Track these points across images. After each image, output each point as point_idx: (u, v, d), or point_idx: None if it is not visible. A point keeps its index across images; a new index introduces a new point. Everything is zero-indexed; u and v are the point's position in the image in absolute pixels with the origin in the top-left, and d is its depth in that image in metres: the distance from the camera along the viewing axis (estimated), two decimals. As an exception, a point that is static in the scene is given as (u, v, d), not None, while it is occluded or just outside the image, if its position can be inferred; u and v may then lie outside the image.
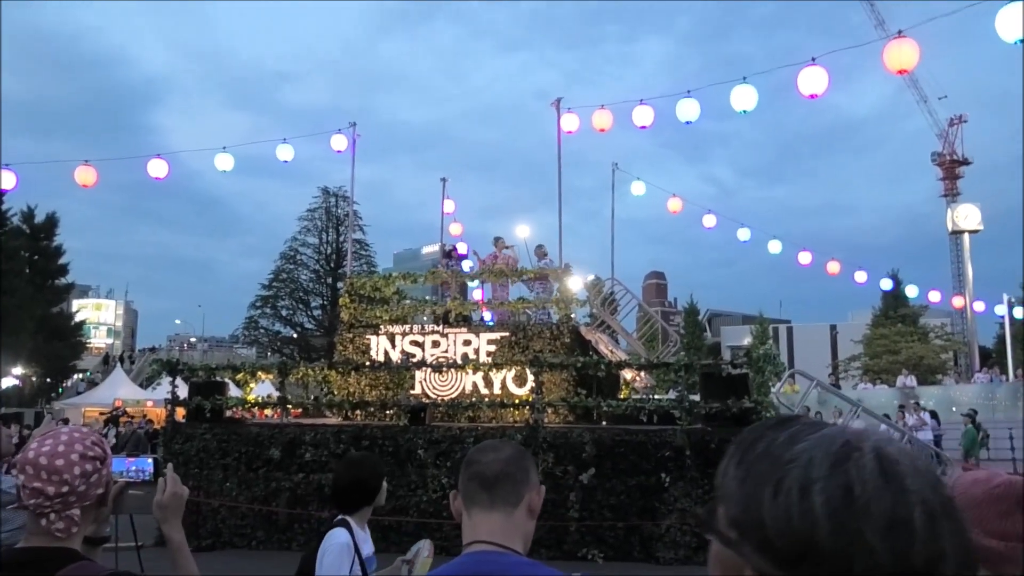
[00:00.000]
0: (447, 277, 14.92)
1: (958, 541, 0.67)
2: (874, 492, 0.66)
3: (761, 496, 0.69)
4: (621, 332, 16.00)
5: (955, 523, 0.68)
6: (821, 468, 0.68)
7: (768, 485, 0.69)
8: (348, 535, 3.12)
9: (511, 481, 1.65)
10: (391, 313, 14.69)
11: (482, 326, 14.22)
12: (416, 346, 13.71)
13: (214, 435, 11.48)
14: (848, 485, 0.67)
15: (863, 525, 0.65)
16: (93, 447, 1.87)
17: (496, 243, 15.61)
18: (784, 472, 0.69)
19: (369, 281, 15.60)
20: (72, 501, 1.81)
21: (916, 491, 0.67)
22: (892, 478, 0.67)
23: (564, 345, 13.13)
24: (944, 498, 0.68)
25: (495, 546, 1.60)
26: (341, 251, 45.60)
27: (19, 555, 1.82)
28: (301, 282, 46.61)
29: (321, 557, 3.07)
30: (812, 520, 0.66)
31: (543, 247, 15.13)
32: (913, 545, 0.65)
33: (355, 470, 3.31)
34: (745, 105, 11.44)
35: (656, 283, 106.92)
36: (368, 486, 3.28)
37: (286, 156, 15.30)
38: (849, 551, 0.64)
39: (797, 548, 0.66)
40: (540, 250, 15.07)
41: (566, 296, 14.06)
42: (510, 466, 1.67)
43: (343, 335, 14.44)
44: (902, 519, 0.66)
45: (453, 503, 1.70)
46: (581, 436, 10.37)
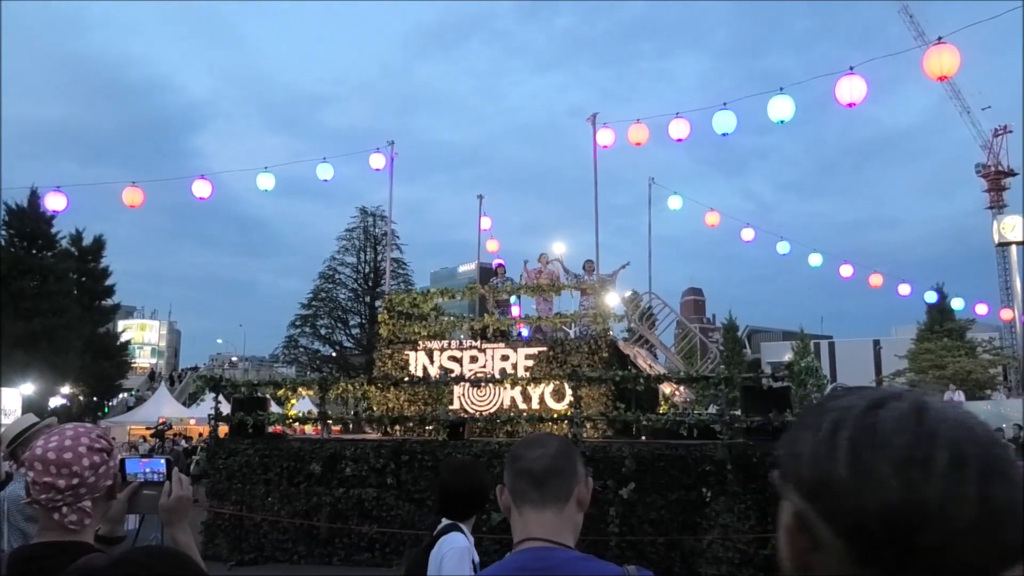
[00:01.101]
0: (485, 292, 14.98)
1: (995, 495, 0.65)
2: (897, 430, 0.67)
3: (801, 437, 0.72)
4: (659, 346, 15.90)
5: (996, 478, 0.66)
6: (855, 410, 0.70)
7: (810, 428, 0.72)
8: (466, 539, 3.06)
9: (561, 476, 1.63)
10: (429, 329, 14.81)
11: (520, 341, 14.26)
12: (454, 361, 13.80)
13: (256, 450, 11.64)
14: (875, 424, 0.68)
15: (879, 458, 0.66)
16: (99, 439, 1.92)
17: (540, 259, 15.73)
18: (825, 416, 0.71)
19: (407, 297, 15.75)
20: (83, 493, 1.85)
21: (948, 437, 0.67)
22: (923, 423, 0.68)
23: (602, 359, 13.10)
24: (991, 454, 0.67)
25: (548, 542, 1.59)
26: (379, 270, 46.02)
27: (34, 551, 1.84)
28: (340, 301, 47.06)
29: (440, 560, 2.98)
30: (834, 453, 0.68)
31: (591, 263, 15.18)
32: (928, 482, 0.65)
33: (469, 477, 3.23)
34: (782, 115, 11.38)
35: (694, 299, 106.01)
36: (482, 493, 3.20)
37: (326, 175, 15.56)
38: (862, 482, 0.66)
39: (819, 479, 0.68)
40: (588, 265, 15.12)
41: (604, 310, 14.05)
42: (559, 461, 1.65)
43: (382, 351, 14.58)
44: (922, 457, 0.65)
45: (500, 497, 1.68)
46: (620, 450, 10.32)
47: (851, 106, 10.52)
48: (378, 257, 46.88)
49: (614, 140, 14.53)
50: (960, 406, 0.72)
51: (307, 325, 46.37)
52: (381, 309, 15.89)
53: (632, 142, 13.86)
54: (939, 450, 0.66)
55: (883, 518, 0.64)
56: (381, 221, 46.69)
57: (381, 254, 46.47)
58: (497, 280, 16.04)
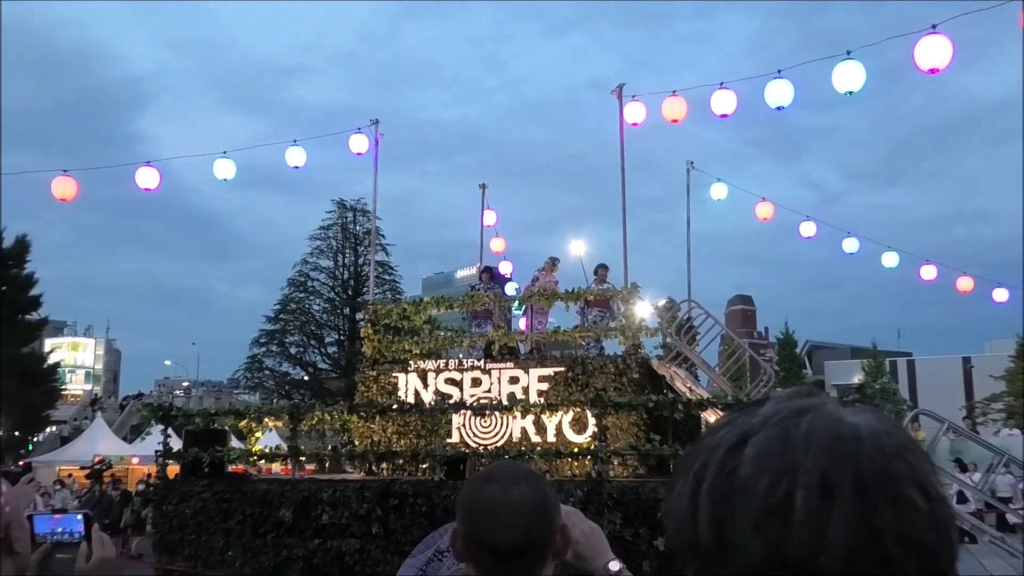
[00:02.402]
0: (489, 301, 15.02)
1: (882, 528, 0.60)
2: (757, 471, 0.63)
3: (675, 487, 0.70)
4: (701, 366, 15.88)
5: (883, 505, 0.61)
6: (720, 451, 0.67)
7: (682, 475, 0.70)
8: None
9: (534, 552, 1.63)
10: (422, 346, 14.85)
11: (532, 360, 14.29)
12: (453, 385, 13.83)
13: (214, 493, 11.68)
14: (736, 468, 0.65)
15: (737, 514, 0.63)
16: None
17: (546, 265, 15.82)
18: (695, 459, 0.69)
19: (396, 308, 15.81)
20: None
21: (814, 464, 0.62)
22: (789, 451, 0.64)
23: (632, 382, 13.12)
24: (876, 473, 0.62)
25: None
26: (360, 276, 46.19)
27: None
28: (313, 313, 47.24)
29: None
30: (696, 513, 0.65)
31: (604, 268, 15.20)
32: (789, 532, 0.61)
33: None
34: (851, 85, 11.37)
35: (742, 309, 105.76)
36: None
37: (297, 161, 15.64)
38: (723, 549, 0.63)
39: (687, 546, 0.66)
40: (601, 272, 15.14)
41: (633, 323, 14.06)
42: (531, 533, 1.62)
43: (365, 373, 14.64)
44: (779, 501, 0.61)
45: (454, 544, 1.68)
46: (655, 492, 10.32)
47: (933, 73, 10.51)
48: (360, 260, 47.09)
49: (645, 117, 14.55)
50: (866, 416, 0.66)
51: (274, 343, 46.59)
52: (363, 323, 15.95)
53: (667, 119, 13.87)
54: (800, 486, 0.62)
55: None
56: (363, 217, 46.90)
57: (363, 256, 46.69)
58: (480, 286, 16.10)
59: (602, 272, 15.16)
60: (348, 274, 47.41)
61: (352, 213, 47.59)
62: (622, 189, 14.94)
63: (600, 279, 15.10)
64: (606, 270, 15.22)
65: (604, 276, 15.11)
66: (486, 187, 20.05)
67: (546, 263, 15.99)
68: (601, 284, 14.99)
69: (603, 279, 15.07)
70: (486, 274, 16.42)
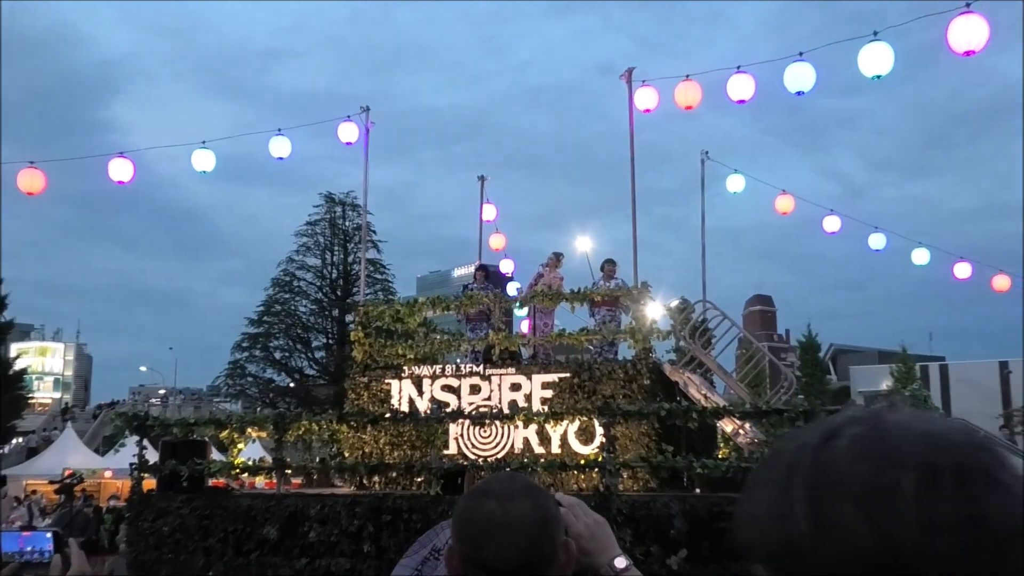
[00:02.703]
0: (489, 302, 15.04)
1: (983, 511, 0.66)
2: (855, 458, 0.70)
3: (756, 495, 0.75)
4: (717, 371, 15.91)
5: (982, 488, 0.68)
6: (809, 448, 0.72)
7: (763, 483, 0.75)
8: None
9: (535, 574, 1.62)
10: (417, 350, 14.87)
11: (535, 365, 14.31)
12: (450, 392, 13.87)
13: (193, 509, 11.69)
14: (832, 459, 0.70)
15: (840, 499, 0.68)
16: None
17: (550, 261, 15.82)
18: (777, 463, 0.74)
19: (388, 310, 15.82)
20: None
21: (914, 453, 0.69)
22: (885, 441, 0.70)
23: (643, 388, 13.14)
24: (971, 461, 0.69)
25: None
26: (350, 275, 46.20)
27: None
28: (299, 315, 47.23)
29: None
30: (792, 505, 0.70)
31: (611, 264, 15.22)
32: (898, 513, 0.66)
33: None
34: (878, 69, 11.39)
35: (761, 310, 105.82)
36: None
37: (281, 151, 15.65)
38: (827, 534, 0.67)
39: (783, 542, 0.70)
40: (608, 267, 15.16)
41: (643, 325, 14.08)
42: (532, 553, 1.61)
43: (355, 379, 14.67)
44: (886, 485, 0.67)
45: (449, 563, 1.69)
46: (668, 507, 10.33)
47: (968, 55, 10.51)
48: (349, 258, 47.05)
49: (657, 103, 14.55)
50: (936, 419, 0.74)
51: (257, 347, 46.59)
52: (354, 325, 15.95)
53: (680, 105, 13.88)
54: (905, 471, 0.68)
55: (860, 572, 0.66)
56: (353, 212, 46.90)
57: (353, 254, 46.67)
58: (474, 286, 16.11)
59: (609, 268, 15.14)
60: (337, 273, 47.39)
61: (341, 207, 47.56)
62: (632, 181, 14.98)
63: (608, 275, 15.08)
64: (614, 265, 15.23)
65: (612, 272, 15.09)
66: (485, 179, 20.07)
67: (549, 259, 16.00)
68: (609, 281, 14.99)
69: (611, 275, 15.05)
70: (480, 272, 16.41)
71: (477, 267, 16.82)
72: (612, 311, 14.71)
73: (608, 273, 15.12)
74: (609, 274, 15.09)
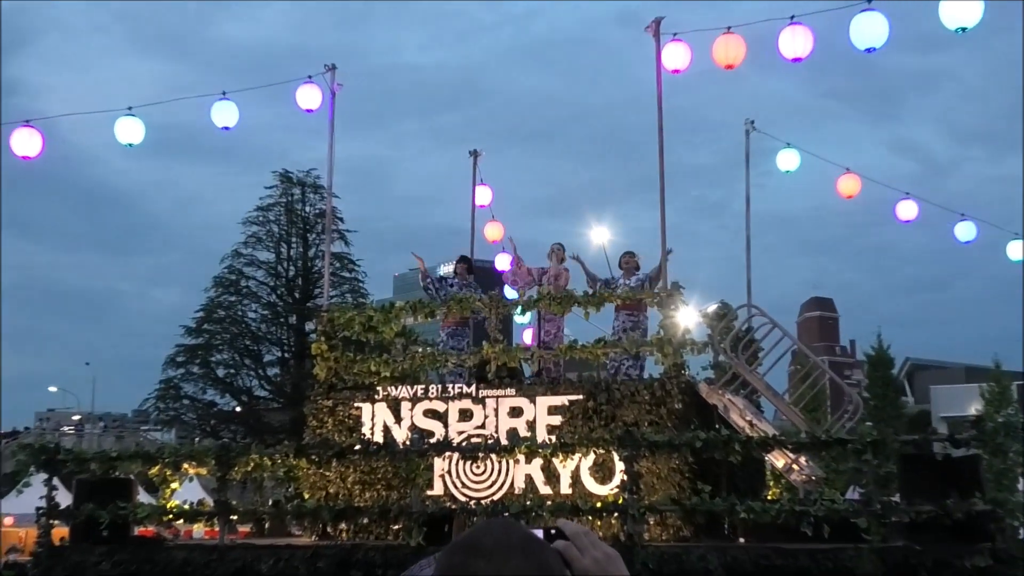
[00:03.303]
0: (485, 305, 14.97)
1: None
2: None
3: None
4: (765, 392, 15.86)
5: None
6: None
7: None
8: None
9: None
10: (394, 366, 14.84)
11: (540, 385, 14.25)
12: (435, 418, 13.87)
13: (115, 564, 11.68)
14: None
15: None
16: None
17: (552, 253, 15.78)
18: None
19: (358, 316, 15.74)
20: None
21: None
22: None
23: (673, 413, 13.13)
24: None
25: None
26: (311, 272, 46.19)
27: None
28: (248, 323, 47.26)
29: None
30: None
31: (631, 256, 15.19)
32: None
33: None
34: (964, 20, 11.34)
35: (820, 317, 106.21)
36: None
37: (227, 120, 15.60)
38: None
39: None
40: (628, 260, 15.12)
41: (674, 335, 14.02)
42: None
43: (317, 403, 14.68)
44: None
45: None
46: (705, 559, 10.32)
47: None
48: (310, 252, 47.09)
49: (690, 61, 14.52)
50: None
51: (195, 362, 46.55)
52: (316, 335, 15.91)
53: (719, 64, 13.85)
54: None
55: None
56: (315, 195, 46.97)
57: (315, 247, 46.73)
58: (454, 282, 16.05)
59: (629, 260, 15.13)
60: (295, 271, 47.40)
61: (300, 189, 47.54)
62: (659, 158, 14.92)
63: (628, 270, 15.05)
64: (633, 257, 15.18)
65: (633, 265, 15.08)
66: (479, 155, 20.04)
67: (554, 248, 15.88)
68: (630, 277, 14.94)
69: (632, 269, 15.03)
70: (462, 265, 16.39)
71: (459, 259, 16.75)
72: (634, 316, 14.66)
73: (628, 267, 15.06)
74: (629, 268, 15.04)
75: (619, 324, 14.74)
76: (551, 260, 15.95)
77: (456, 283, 15.96)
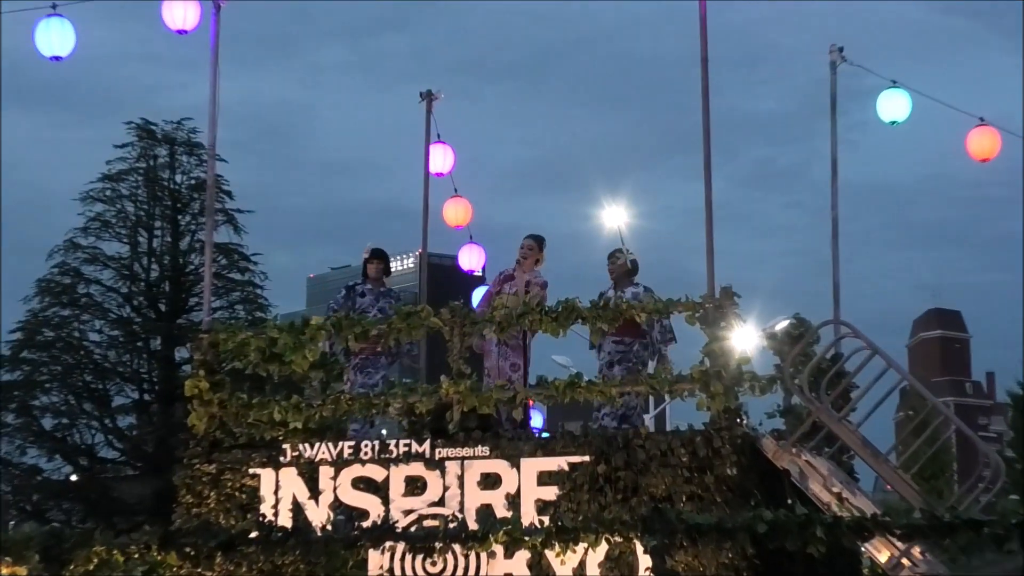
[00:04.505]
0: (443, 323, 15.00)
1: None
2: None
3: None
4: (861, 451, 15.92)
5: None
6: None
7: None
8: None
9: None
10: (309, 414, 14.80)
11: (525, 441, 14.33)
12: (370, 491, 13.99)
13: None
14: None
15: None
16: None
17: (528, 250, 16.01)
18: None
19: (256, 339, 15.71)
20: None
21: None
22: None
23: (724, 483, 13.23)
24: None
25: None
26: (184, 274, 46.12)
27: None
28: (89, 349, 47.05)
29: None
30: None
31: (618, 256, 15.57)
32: None
33: None
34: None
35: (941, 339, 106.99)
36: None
37: (58, 46, 15.67)
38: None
39: None
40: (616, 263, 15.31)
41: (724, 365, 14.07)
42: None
43: (194, 469, 14.74)
44: None
45: None
46: None
47: None
48: (183, 243, 46.97)
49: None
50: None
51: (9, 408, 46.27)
52: (192, 367, 15.90)
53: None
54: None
55: None
56: (190, 158, 46.98)
57: (191, 235, 46.70)
58: (365, 289, 16.16)
59: (616, 263, 15.33)
60: (159, 270, 47.27)
61: (168, 149, 47.42)
62: (703, 101, 15.04)
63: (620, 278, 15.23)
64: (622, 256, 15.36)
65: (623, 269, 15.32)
66: (434, 99, 20.13)
67: (527, 244, 15.95)
68: (624, 288, 15.17)
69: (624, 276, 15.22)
70: (376, 263, 16.61)
71: (370, 254, 16.67)
72: (624, 344, 14.97)
73: (618, 273, 15.27)
74: (620, 275, 15.23)
75: (604, 357, 14.98)
76: (521, 265, 15.93)
77: (368, 292, 16.02)
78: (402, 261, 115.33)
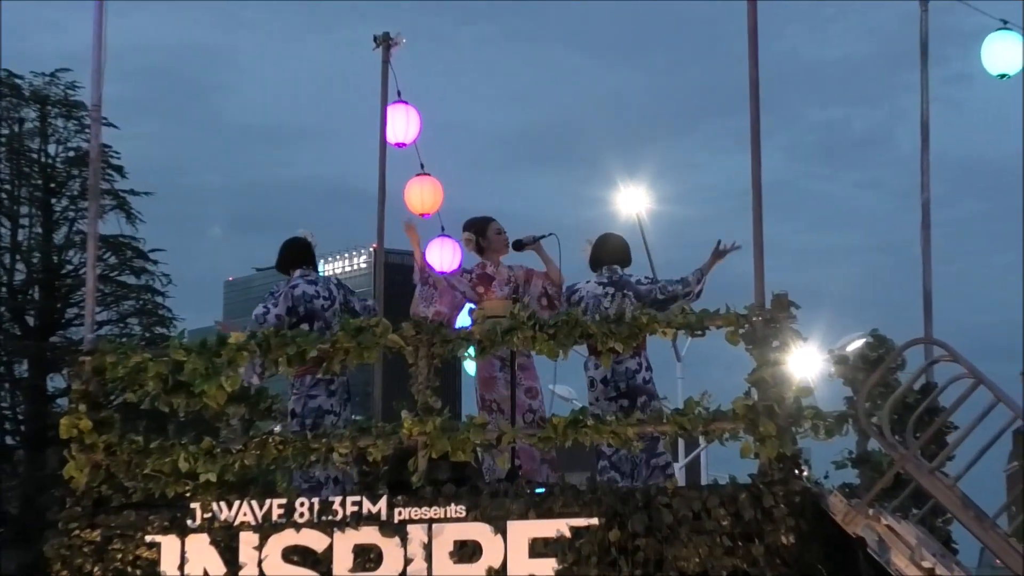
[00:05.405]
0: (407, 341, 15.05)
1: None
2: None
3: None
4: (960, 514, 16.00)
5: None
6: None
7: None
8: None
9: None
10: (227, 462, 14.85)
11: (513, 499, 14.38)
12: (306, 564, 14.05)
13: None
14: None
15: None
16: None
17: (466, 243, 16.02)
18: None
19: (155, 363, 15.75)
20: None
21: None
22: None
23: (778, 554, 13.27)
24: None
25: None
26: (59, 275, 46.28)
27: None
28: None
29: None
30: None
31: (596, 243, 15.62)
32: None
33: None
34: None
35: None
36: None
37: None
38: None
39: None
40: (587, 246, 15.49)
41: (779, 398, 14.10)
42: None
43: (72, 535, 14.74)
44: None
45: None
46: None
47: None
48: (58, 235, 47.10)
49: None
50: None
51: None
52: (70, 400, 15.95)
53: None
54: None
55: None
56: (69, 122, 47.08)
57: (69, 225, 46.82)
58: (282, 291, 16.29)
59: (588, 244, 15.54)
60: (27, 271, 47.43)
61: (39, 110, 47.61)
62: (750, 46, 15.08)
63: None
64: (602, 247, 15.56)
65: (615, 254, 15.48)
66: (393, 44, 20.22)
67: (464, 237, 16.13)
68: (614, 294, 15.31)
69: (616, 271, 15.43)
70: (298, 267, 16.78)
71: (290, 241, 16.80)
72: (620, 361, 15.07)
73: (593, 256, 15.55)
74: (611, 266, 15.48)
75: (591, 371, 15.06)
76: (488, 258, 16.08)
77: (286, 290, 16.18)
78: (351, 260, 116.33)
